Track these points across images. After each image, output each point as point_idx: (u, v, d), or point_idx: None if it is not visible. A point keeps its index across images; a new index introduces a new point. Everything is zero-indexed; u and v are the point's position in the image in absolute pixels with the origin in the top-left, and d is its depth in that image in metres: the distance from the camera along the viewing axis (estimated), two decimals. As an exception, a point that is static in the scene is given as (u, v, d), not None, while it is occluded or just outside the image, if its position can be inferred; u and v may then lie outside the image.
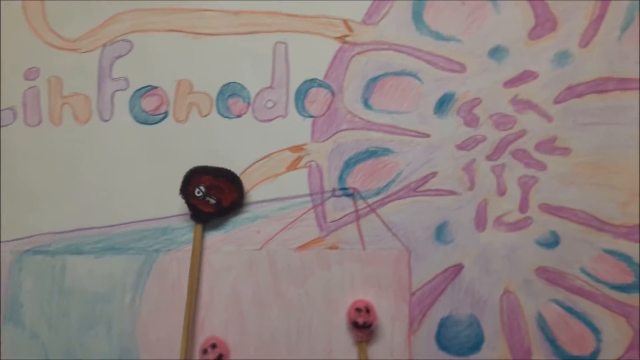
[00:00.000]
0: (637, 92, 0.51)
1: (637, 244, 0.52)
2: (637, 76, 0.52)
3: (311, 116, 0.55)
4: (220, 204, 0.53)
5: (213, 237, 0.56)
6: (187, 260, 0.55)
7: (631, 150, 0.53)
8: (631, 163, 0.53)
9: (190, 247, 0.55)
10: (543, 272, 0.54)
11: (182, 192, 0.54)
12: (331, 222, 0.55)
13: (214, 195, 0.53)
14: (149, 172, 0.55)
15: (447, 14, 0.54)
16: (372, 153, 0.55)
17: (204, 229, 0.54)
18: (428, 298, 0.54)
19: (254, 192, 0.55)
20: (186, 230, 0.55)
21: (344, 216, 0.55)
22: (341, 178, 0.55)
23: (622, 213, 0.53)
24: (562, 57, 0.53)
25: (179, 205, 0.55)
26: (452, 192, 0.54)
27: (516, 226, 0.54)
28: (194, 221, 0.55)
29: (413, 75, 0.55)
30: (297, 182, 0.55)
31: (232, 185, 0.54)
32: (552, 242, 0.54)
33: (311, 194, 0.55)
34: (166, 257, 0.55)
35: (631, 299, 0.53)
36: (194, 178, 0.54)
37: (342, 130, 0.55)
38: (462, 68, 0.55)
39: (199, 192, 0.53)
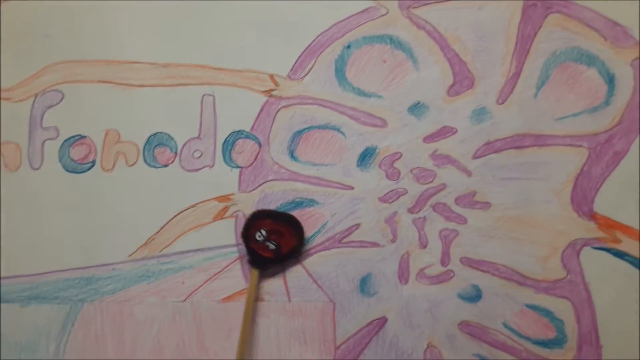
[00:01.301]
0: (554, 147, 0.47)
1: (559, 299, 0.47)
2: (553, 132, 0.47)
3: (238, 166, 0.49)
4: (280, 250, 0.49)
5: (137, 288, 0.49)
6: (111, 310, 0.49)
7: (550, 205, 0.47)
8: (550, 218, 0.47)
9: (114, 297, 0.49)
10: (466, 327, 0.47)
11: (244, 235, 0.49)
12: None
13: (274, 240, 0.49)
14: (76, 221, 0.50)
15: (368, 71, 0.49)
16: (298, 204, 0.49)
17: (261, 276, 0.48)
18: (353, 352, 0.47)
19: (180, 242, 0.49)
20: (110, 280, 0.49)
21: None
22: None
23: (543, 268, 0.47)
24: (480, 114, 0.48)
25: (104, 254, 0.49)
26: (375, 244, 0.48)
27: (438, 279, 0.48)
28: (252, 266, 0.48)
29: (337, 129, 0.49)
30: (224, 232, 0.49)
31: (293, 230, 0.49)
32: (474, 296, 0.47)
33: (237, 245, 0.49)
34: (90, 308, 0.49)
35: (553, 354, 0.46)
36: (256, 221, 0.49)
37: (268, 181, 0.49)
38: (383, 123, 0.49)
39: (260, 236, 0.48)
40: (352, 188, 0.49)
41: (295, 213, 0.49)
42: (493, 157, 0.48)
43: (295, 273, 0.48)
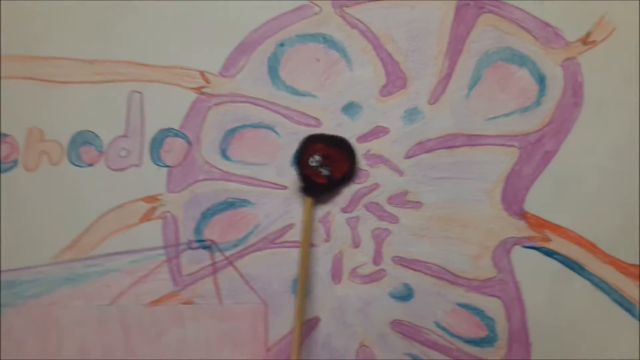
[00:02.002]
0: (485, 147, 0.47)
1: (490, 298, 0.46)
2: (485, 132, 0.47)
3: (166, 165, 0.47)
4: (332, 175, 0.46)
5: (61, 292, 0.46)
6: (34, 315, 0.46)
7: (481, 204, 0.46)
8: (481, 217, 0.46)
9: (37, 301, 0.46)
10: (398, 326, 0.46)
11: (297, 161, 0.46)
12: (186, 275, 0.47)
13: (327, 166, 0.46)
14: (-3, 223, 0.46)
15: (302, 70, 0.47)
16: (230, 204, 0.47)
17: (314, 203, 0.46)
18: (285, 353, 0.46)
19: (106, 244, 0.47)
20: (34, 284, 0.46)
21: (200, 269, 0.47)
22: (198, 230, 0.47)
23: (474, 267, 0.46)
24: (412, 114, 0.47)
25: (27, 257, 0.47)
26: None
27: (370, 278, 0.47)
28: (305, 194, 0.46)
29: (270, 128, 0.47)
30: (151, 234, 0.47)
31: (345, 154, 0.47)
32: (405, 295, 0.46)
33: (165, 247, 0.47)
34: (12, 312, 0.46)
35: (484, 353, 0.46)
36: (309, 146, 0.46)
37: (199, 181, 0.47)
38: (317, 122, 0.47)
39: (312, 162, 0.46)
40: (286, 188, 0.47)
41: (227, 213, 0.47)
42: (425, 157, 0.47)
43: (226, 275, 0.47)
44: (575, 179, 0.47)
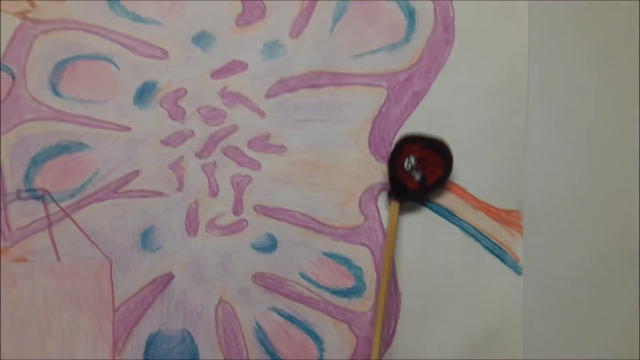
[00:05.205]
0: (351, 87, 0.42)
1: (357, 246, 0.43)
2: (351, 71, 0.42)
3: None
4: (425, 181, 0.41)
5: None
6: None
7: (347, 148, 0.42)
8: (347, 162, 0.43)
9: None
10: (260, 279, 0.42)
11: (391, 163, 0.41)
12: (17, 229, 0.40)
13: (420, 169, 0.41)
14: None
15: None
16: (64, 148, 0.41)
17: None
18: (134, 313, 0.41)
19: None
20: None
21: (33, 222, 0.40)
22: (27, 177, 0.40)
23: (340, 214, 0.43)
24: (272, 48, 0.42)
25: None
26: (158, 193, 0.41)
27: (230, 229, 0.42)
28: (394, 199, 0.41)
29: (108, 59, 0.41)
30: None
31: (439, 157, 0.41)
32: (269, 245, 0.42)
33: None
34: None
35: (352, 304, 0.43)
36: (405, 147, 0.41)
37: (26, 121, 0.40)
38: (164, 54, 0.41)
39: (408, 164, 0.41)
40: (129, 129, 0.41)
41: (61, 159, 0.40)
42: (288, 97, 0.42)
43: (64, 229, 0.40)
44: (446, 122, 0.43)
